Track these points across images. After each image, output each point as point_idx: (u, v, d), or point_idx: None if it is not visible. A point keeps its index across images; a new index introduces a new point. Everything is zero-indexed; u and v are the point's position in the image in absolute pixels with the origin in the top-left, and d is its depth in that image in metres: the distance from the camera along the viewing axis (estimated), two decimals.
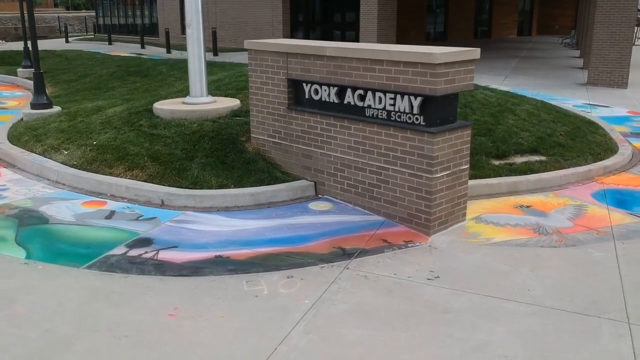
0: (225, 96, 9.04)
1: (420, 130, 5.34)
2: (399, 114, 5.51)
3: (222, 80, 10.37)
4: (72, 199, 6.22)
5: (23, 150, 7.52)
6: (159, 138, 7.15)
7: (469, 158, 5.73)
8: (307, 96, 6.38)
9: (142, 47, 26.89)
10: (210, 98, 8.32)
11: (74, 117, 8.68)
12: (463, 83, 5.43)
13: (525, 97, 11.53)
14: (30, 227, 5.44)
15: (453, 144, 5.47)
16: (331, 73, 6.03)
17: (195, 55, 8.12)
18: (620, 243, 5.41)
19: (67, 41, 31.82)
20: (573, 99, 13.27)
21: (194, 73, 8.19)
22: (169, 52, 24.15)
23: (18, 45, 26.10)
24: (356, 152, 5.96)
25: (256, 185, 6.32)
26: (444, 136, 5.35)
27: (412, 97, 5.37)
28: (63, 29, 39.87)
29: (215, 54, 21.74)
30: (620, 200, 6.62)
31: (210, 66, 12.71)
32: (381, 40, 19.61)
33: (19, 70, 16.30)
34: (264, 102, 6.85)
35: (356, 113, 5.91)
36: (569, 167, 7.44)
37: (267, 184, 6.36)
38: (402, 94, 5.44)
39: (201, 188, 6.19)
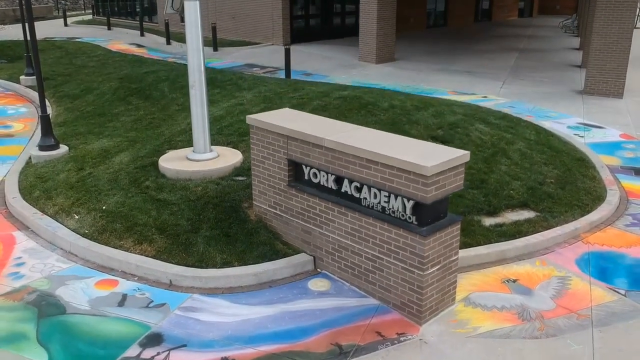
0: (227, 144, 9.33)
1: (412, 230, 5.68)
2: (393, 210, 5.85)
3: (223, 118, 10.62)
4: (85, 277, 6.62)
5: (35, 211, 7.87)
6: (166, 205, 7.50)
7: (458, 249, 6.10)
8: (306, 177, 6.69)
9: (142, 34, 26.86)
10: (213, 153, 8.60)
11: (82, 166, 9.00)
12: (453, 185, 5.75)
13: (520, 124, 11.78)
14: (50, 319, 5.85)
15: (444, 240, 5.83)
16: (329, 162, 6.34)
17: (199, 115, 8.37)
18: (598, 331, 5.83)
19: (65, 24, 31.71)
20: (568, 115, 13.55)
21: (197, 130, 8.45)
22: (168, 43, 24.18)
23: (17, 30, 26.00)
24: (352, 238, 6.32)
25: (258, 261, 6.70)
26: (435, 235, 5.71)
27: (404, 199, 5.70)
28: (60, 8, 39.47)
29: (215, 49, 21.81)
30: (603, 268, 7.01)
31: (211, 85, 12.90)
32: (380, 39, 19.67)
33: (22, 78, 16.38)
34: (265, 175, 7.17)
35: (353, 201, 6.24)
36: (556, 226, 7.82)
37: (268, 259, 6.74)
38: (396, 195, 5.76)
39: (206, 266, 6.58)
